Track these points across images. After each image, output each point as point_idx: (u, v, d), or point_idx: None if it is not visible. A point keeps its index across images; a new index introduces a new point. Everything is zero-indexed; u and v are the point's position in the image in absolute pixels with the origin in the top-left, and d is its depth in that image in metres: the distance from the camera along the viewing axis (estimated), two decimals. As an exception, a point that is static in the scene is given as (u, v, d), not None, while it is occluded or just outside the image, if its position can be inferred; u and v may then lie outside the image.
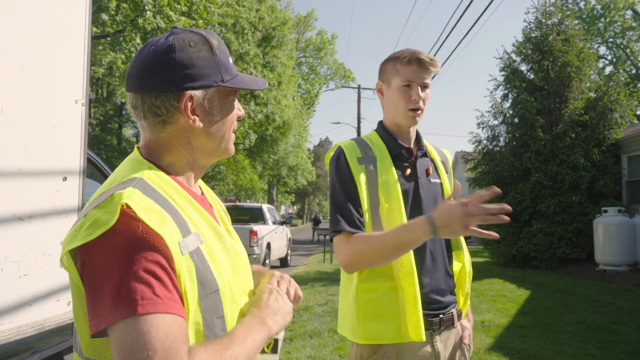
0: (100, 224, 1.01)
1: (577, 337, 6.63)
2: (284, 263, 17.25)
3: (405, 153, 2.10)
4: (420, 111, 2.05)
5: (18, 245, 2.54)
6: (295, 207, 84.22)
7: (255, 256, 12.60)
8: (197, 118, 1.21)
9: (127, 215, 1.01)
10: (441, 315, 2.01)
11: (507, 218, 1.60)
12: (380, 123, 2.20)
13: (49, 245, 2.74)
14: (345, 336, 2.06)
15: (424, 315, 1.94)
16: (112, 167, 4.70)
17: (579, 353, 5.92)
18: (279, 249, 15.96)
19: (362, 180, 1.99)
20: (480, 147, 16.18)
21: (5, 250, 2.45)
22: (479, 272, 13.04)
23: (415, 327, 1.89)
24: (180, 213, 1.13)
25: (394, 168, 2.03)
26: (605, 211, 12.49)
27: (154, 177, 1.16)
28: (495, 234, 1.66)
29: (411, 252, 1.90)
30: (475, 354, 5.89)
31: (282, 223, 16.83)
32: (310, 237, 36.94)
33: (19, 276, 2.55)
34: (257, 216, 14.99)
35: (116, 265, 0.98)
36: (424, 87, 2.05)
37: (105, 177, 4.99)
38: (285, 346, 6.30)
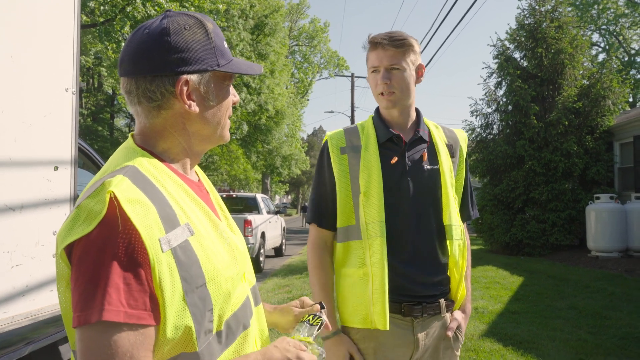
0: (94, 214, 0.99)
1: (569, 323, 6.71)
2: (278, 252, 17.29)
3: (394, 140, 2.06)
4: (391, 94, 2.01)
5: (10, 236, 2.51)
6: (289, 197, 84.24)
7: (250, 246, 12.59)
8: (192, 103, 1.18)
9: (112, 207, 0.99)
10: (424, 304, 1.99)
11: None
12: (377, 109, 2.18)
13: (41, 235, 2.71)
14: None
15: (405, 302, 1.96)
16: (104, 158, 4.68)
17: (571, 338, 6.01)
18: (274, 239, 15.98)
19: (341, 170, 2.04)
20: (473, 135, 16.24)
21: None
22: (473, 260, 12.98)
23: (380, 315, 1.90)
24: (171, 203, 1.10)
25: (378, 156, 2.01)
26: (598, 198, 12.58)
27: (148, 165, 1.13)
28: None
29: (383, 241, 1.93)
30: (469, 340, 5.95)
31: (276, 212, 16.83)
32: (301, 225, 37.65)
33: (12, 266, 2.51)
34: (251, 206, 15.00)
35: (91, 263, 0.97)
36: (393, 69, 2.00)
37: (97, 166, 4.96)
38: (280, 334, 6.30)
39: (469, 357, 5.40)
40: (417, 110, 2.16)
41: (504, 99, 15.65)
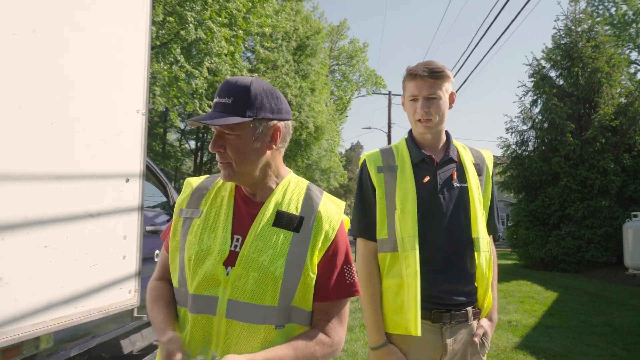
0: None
1: (604, 339, 6.66)
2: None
3: (427, 160, 2.20)
4: (428, 121, 2.16)
5: (89, 239, 2.78)
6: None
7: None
8: None
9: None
10: (452, 311, 2.09)
11: None
12: (410, 132, 2.33)
13: (113, 239, 3.03)
14: None
15: (435, 309, 2.08)
16: (163, 172, 5.00)
17: (605, 354, 5.95)
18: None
19: (380, 187, 2.19)
20: (509, 152, 16.26)
21: (78, 243, 2.72)
22: (507, 274, 13.09)
23: (413, 322, 2.03)
24: (206, 196, 1.65)
25: (412, 175, 2.16)
26: (635, 216, 12.44)
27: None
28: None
29: (417, 254, 2.06)
30: (502, 352, 5.98)
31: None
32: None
33: (89, 266, 2.79)
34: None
35: None
36: (431, 98, 2.14)
37: (158, 179, 5.33)
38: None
39: (502, 369, 5.51)
40: (446, 133, 2.29)
41: (540, 117, 15.67)
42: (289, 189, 1.62)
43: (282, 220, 1.55)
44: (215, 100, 1.52)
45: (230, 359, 1.32)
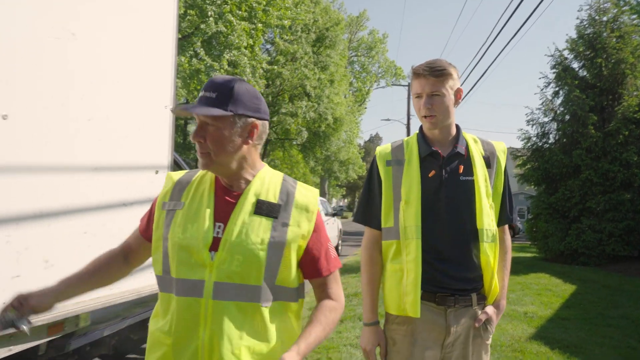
0: None
1: (620, 331, 6.66)
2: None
3: (433, 155, 2.28)
4: (432, 117, 2.24)
5: (122, 226, 2.96)
6: (345, 200, 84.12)
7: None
8: None
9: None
10: (457, 296, 2.20)
11: None
12: (420, 127, 2.41)
13: None
14: None
15: (440, 293, 2.20)
16: (185, 162, 5.23)
17: (620, 345, 5.97)
18: (330, 239, 16.28)
19: (387, 180, 2.32)
20: (529, 144, 16.10)
21: (113, 229, 2.94)
22: (526, 267, 13.02)
23: (412, 304, 2.18)
24: (187, 189, 1.73)
25: (419, 169, 2.26)
26: (658, 209, 12.33)
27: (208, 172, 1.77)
28: None
29: (419, 242, 2.19)
30: (516, 342, 6.01)
31: (333, 215, 17.20)
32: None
33: None
34: (309, 208, 15.32)
35: None
36: (434, 95, 2.21)
37: (180, 169, 5.55)
38: (337, 326, 6.65)
39: (516, 358, 5.49)
40: (457, 127, 2.36)
41: (561, 109, 15.50)
42: (266, 180, 1.74)
43: (262, 208, 1.68)
44: (200, 94, 1.65)
45: (285, 358, 1.46)
